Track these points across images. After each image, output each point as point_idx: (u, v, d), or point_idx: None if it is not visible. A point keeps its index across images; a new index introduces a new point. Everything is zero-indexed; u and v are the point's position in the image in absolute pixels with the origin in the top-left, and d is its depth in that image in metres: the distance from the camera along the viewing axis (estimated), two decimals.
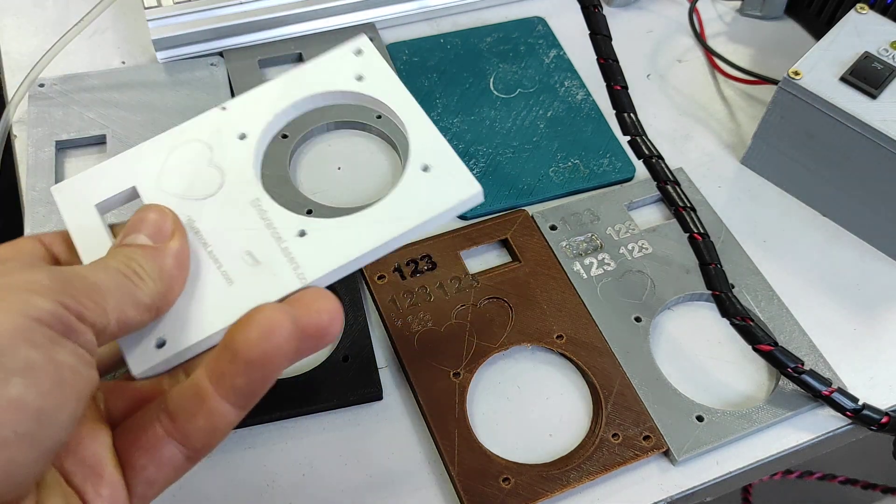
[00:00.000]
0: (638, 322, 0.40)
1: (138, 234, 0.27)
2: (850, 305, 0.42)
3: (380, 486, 0.35)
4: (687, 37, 0.54)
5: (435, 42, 0.52)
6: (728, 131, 0.50)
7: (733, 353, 0.40)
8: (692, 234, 0.38)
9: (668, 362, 0.39)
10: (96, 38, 0.51)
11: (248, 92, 0.30)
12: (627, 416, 0.37)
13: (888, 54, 0.42)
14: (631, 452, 0.36)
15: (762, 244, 0.44)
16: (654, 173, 0.39)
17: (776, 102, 0.44)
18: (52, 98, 0.46)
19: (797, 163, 0.45)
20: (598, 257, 0.42)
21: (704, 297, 0.42)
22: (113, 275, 0.25)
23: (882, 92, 0.41)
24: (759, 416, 0.37)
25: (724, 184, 0.47)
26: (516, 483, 0.35)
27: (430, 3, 0.53)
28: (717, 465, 0.37)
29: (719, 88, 0.52)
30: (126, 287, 0.25)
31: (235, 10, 0.49)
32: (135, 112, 0.46)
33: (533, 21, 0.53)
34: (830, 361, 0.39)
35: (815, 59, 0.43)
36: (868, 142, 0.41)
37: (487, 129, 0.48)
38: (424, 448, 0.37)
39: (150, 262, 0.26)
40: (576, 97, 0.50)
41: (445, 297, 0.40)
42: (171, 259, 0.27)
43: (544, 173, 0.46)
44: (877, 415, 0.37)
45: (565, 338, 0.39)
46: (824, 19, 0.53)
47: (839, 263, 0.44)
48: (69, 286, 0.23)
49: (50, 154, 0.44)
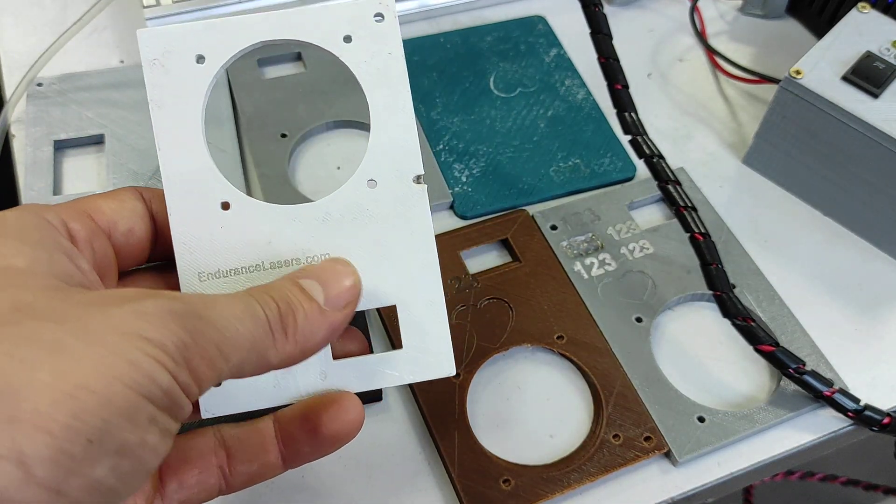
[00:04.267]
0: (639, 322, 0.40)
1: (318, 285, 0.26)
2: (851, 306, 0.42)
3: (380, 487, 0.35)
4: (688, 36, 0.54)
5: (435, 41, 0.52)
6: (729, 131, 0.49)
7: (734, 353, 0.40)
8: (693, 233, 0.38)
9: (669, 363, 0.39)
10: (95, 38, 0.51)
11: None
12: (628, 416, 0.37)
13: (890, 53, 0.42)
14: (632, 453, 0.36)
15: (763, 244, 0.44)
16: (655, 173, 0.39)
17: (777, 102, 0.43)
18: (51, 97, 0.46)
19: (799, 162, 0.45)
20: (598, 257, 0.42)
21: (706, 297, 0.41)
22: (258, 327, 0.23)
23: (884, 91, 0.41)
24: (760, 416, 0.37)
25: (725, 183, 0.47)
26: (517, 484, 0.34)
27: (429, 2, 0.53)
28: (718, 466, 0.37)
29: (720, 88, 0.52)
30: (262, 344, 0.24)
31: (234, 9, 0.49)
32: (134, 111, 0.46)
33: (533, 20, 0.53)
34: (832, 362, 0.39)
35: (817, 58, 0.43)
36: (870, 141, 0.41)
37: (488, 128, 0.48)
38: (424, 449, 0.36)
39: (309, 323, 0.25)
40: (576, 96, 0.49)
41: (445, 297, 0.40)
42: (327, 331, 0.25)
43: (545, 173, 0.46)
44: (878, 415, 0.37)
45: (566, 338, 0.39)
46: (826, 18, 0.53)
47: (841, 263, 0.44)
48: (195, 347, 0.21)
49: (48, 153, 0.44)
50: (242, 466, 0.27)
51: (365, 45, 0.28)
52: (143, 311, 0.21)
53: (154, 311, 0.21)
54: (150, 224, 0.28)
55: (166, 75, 0.28)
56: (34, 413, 0.18)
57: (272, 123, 0.46)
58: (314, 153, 0.46)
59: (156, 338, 0.20)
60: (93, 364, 0.19)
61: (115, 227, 0.27)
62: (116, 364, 0.19)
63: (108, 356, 0.19)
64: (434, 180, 0.45)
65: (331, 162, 0.46)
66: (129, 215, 0.27)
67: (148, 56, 0.28)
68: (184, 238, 0.28)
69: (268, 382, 0.28)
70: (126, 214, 0.27)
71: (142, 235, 0.27)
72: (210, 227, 0.28)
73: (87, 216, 0.26)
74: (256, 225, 0.28)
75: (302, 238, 0.28)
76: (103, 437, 0.19)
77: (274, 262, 0.28)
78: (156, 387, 0.20)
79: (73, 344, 0.19)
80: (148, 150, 0.44)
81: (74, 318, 0.20)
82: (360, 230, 0.28)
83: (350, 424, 0.27)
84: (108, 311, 0.21)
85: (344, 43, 0.28)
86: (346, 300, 0.26)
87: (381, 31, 0.29)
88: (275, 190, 0.43)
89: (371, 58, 0.29)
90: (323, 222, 0.28)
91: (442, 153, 0.46)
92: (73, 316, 0.20)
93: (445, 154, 0.46)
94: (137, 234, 0.27)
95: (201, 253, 0.28)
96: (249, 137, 0.45)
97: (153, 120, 0.28)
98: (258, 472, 0.28)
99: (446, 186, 0.44)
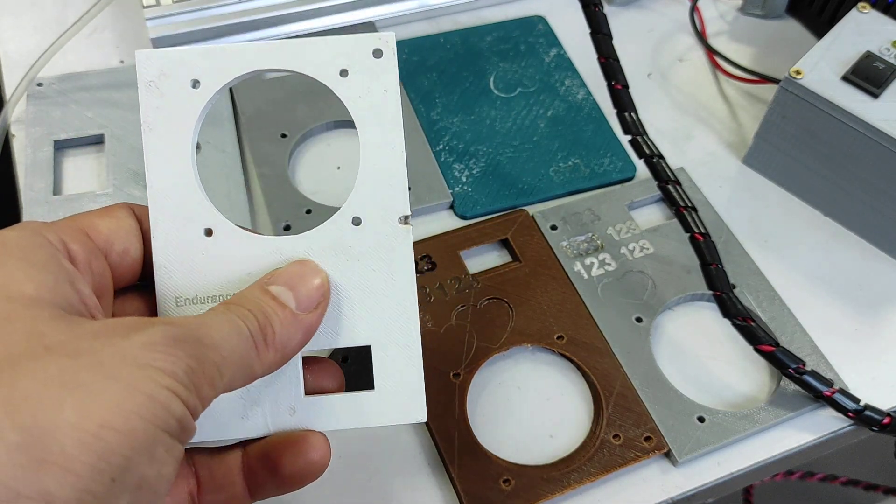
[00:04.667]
0: (639, 322, 0.40)
1: (287, 291, 0.26)
2: (851, 305, 0.42)
3: (380, 487, 0.35)
4: (688, 36, 0.54)
5: (435, 41, 0.52)
6: (729, 131, 0.49)
7: (734, 353, 0.40)
8: (693, 233, 0.38)
9: (669, 363, 0.39)
10: (95, 38, 0.51)
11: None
12: (628, 416, 0.37)
13: (890, 53, 0.42)
14: (632, 453, 0.36)
15: (763, 244, 0.44)
16: (655, 173, 0.39)
17: (777, 102, 0.43)
18: (51, 97, 0.46)
19: (799, 162, 0.45)
20: (598, 257, 0.42)
21: (706, 297, 0.41)
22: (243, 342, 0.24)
23: (884, 91, 0.41)
24: (760, 416, 0.37)
25: (725, 183, 0.47)
26: (517, 484, 0.34)
27: (429, 2, 0.53)
28: (718, 465, 0.37)
29: (720, 88, 0.52)
30: (249, 357, 0.24)
31: (234, 9, 0.49)
32: (133, 111, 0.46)
33: (533, 20, 0.53)
34: (832, 362, 0.39)
35: (817, 58, 0.43)
36: (870, 141, 0.41)
37: (487, 128, 0.47)
38: (424, 449, 0.36)
39: (286, 330, 0.25)
40: (576, 96, 0.49)
41: (445, 297, 0.40)
42: (302, 334, 0.26)
43: (545, 173, 0.46)
44: (878, 415, 0.37)
45: (566, 338, 0.39)
46: (826, 18, 0.53)
47: (841, 263, 0.44)
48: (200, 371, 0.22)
49: (48, 154, 0.44)
50: (210, 496, 0.27)
51: (361, 81, 0.28)
52: (150, 342, 0.21)
53: (160, 340, 0.21)
54: (142, 243, 0.28)
55: (161, 98, 0.28)
56: (62, 455, 0.18)
57: (272, 123, 0.46)
58: (314, 153, 0.46)
59: (167, 367, 0.21)
60: (113, 401, 0.20)
61: (111, 246, 0.27)
62: (135, 399, 0.20)
63: (125, 391, 0.20)
64: (434, 180, 0.45)
65: (331, 162, 0.46)
66: (124, 235, 0.27)
67: (144, 77, 0.28)
68: (164, 261, 0.27)
69: (236, 413, 0.28)
70: (122, 234, 0.27)
71: (136, 255, 0.27)
72: (191, 253, 0.28)
73: (84, 235, 0.26)
74: (238, 254, 0.28)
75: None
76: (125, 475, 0.19)
77: None
78: (171, 417, 0.21)
79: (91, 380, 0.20)
80: None
81: (87, 352, 0.20)
82: (341, 268, 0.28)
83: (313, 466, 0.27)
84: (117, 343, 0.21)
85: (339, 77, 0.28)
86: (317, 300, 0.26)
87: (378, 67, 0.28)
88: (275, 190, 0.43)
89: (366, 94, 0.28)
90: (304, 256, 0.28)
91: (442, 153, 0.46)
92: (86, 349, 0.20)
93: (445, 154, 0.46)
94: (132, 254, 0.27)
95: (181, 278, 0.27)
96: (249, 137, 0.45)
97: (144, 141, 0.28)
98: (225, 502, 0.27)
99: (446, 186, 0.44)
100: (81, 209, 0.42)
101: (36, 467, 0.18)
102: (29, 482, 0.18)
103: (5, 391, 0.19)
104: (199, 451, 0.28)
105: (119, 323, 0.22)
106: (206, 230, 0.28)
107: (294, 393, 0.28)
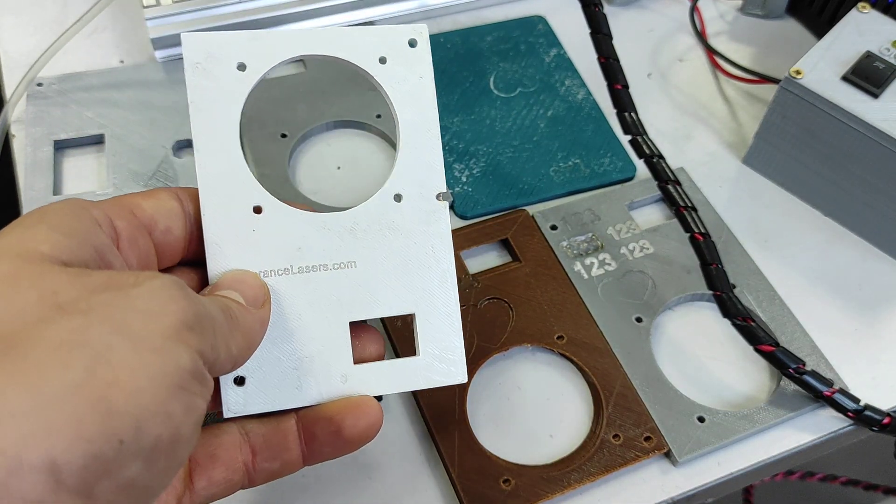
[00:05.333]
0: (639, 322, 0.40)
1: (233, 292, 0.27)
2: (851, 305, 0.42)
3: (380, 487, 0.35)
4: (688, 36, 0.54)
5: (435, 41, 0.52)
6: (729, 131, 0.49)
7: (734, 353, 0.40)
8: (693, 233, 0.38)
9: (669, 363, 0.39)
10: (95, 38, 0.51)
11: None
12: (628, 416, 0.37)
13: (890, 53, 0.42)
14: (632, 453, 0.36)
15: (763, 244, 0.44)
16: (655, 173, 0.39)
17: (777, 102, 0.43)
18: (51, 97, 0.46)
19: (799, 162, 0.45)
20: (598, 257, 0.42)
21: (706, 297, 0.41)
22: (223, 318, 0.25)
23: (884, 91, 0.41)
24: (760, 416, 0.37)
25: (725, 183, 0.47)
26: (517, 484, 0.34)
27: (429, 2, 0.53)
28: (718, 465, 0.37)
29: (720, 88, 0.52)
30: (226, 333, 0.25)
31: (234, 9, 0.49)
32: (133, 111, 0.46)
33: (533, 20, 0.53)
34: (832, 362, 0.39)
35: (817, 58, 0.43)
36: (870, 141, 0.41)
37: (488, 128, 0.47)
38: (424, 449, 0.36)
39: (245, 318, 0.26)
40: (576, 96, 0.49)
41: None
42: (259, 325, 0.27)
43: (545, 173, 0.46)
44: (878, 415, 0.37)
45: (566, 338, 0.39)
46: (826, 18, 0.53)
47: (841, 263, 0.44)
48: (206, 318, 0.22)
49: (48, 153, 0.44)
50: (266, 463, 0.28)
51: (398, 68, 0.30)
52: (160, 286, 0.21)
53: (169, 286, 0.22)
54: (185, 224, 0.28)
55: (207, 79, 0.28)
56: (67, 419, 0.18)
57: (272, 123, 0.46)
58: (314, 153, 0.46)
59: (178, 313, 0.21)
60: (121, 359, 0.19)
61: (155, 224, 0.27)
62: (143, 356, 0.20)
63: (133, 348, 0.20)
64: None
65: (331, 162, 0.46)
66: (167, 214, 0.28)
67: (191, 59, 0.28)
68: (216, 238, 0.28)
69: (290, 384, 0.29)
70: (164, 213, 0.28)
71: (178, 234, 0.28)
72: (242, 229, 0.29)
73: (130, 212, 0.26)
74: (287, 230, 0.29)
75: (330, 245, 0.29)
76: (136, 436, 0.19)
77: (302, 267, 0.29)
78: (184, 372, 0.21)
79: (99, 338, 0.20)
80: (148, 150, 0.44)
81: (99, 306, 0.20)
82: (385, 241, 0.30)
83: (371, 427, 0.29)
84: (128, 292, 0.21)
85: (379, 64, 0.30)
86: (262, 298, 0.28)
87: (413, 55, 0.30)
88: (275, 190, 0.43)
89: (403, 80, 0.30)
90: (350, 231, 0.30)
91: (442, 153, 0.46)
92: (97, 303, 0.20)
93: (445, 154, 0.46)
94: (175, 234, 0.28)
95: (232, 253, 0.28)
96: (249, 137, 0.45)
97: (192, 121, 0.28)
98: (280, 469, 0.29)
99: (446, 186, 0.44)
100: None
101: (41, 435, 0.18)
102: (32, 450, 0.18)
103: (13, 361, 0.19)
104: (252, 421, 0.28)
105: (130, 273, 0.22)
106: (254, 207, 0.29)
107: (344, 361, 0.29)
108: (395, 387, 0.30)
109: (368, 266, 0.30)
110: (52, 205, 0.24)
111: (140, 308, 0.21)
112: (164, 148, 0.45)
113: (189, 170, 0.44)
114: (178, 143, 0.45)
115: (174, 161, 0.44)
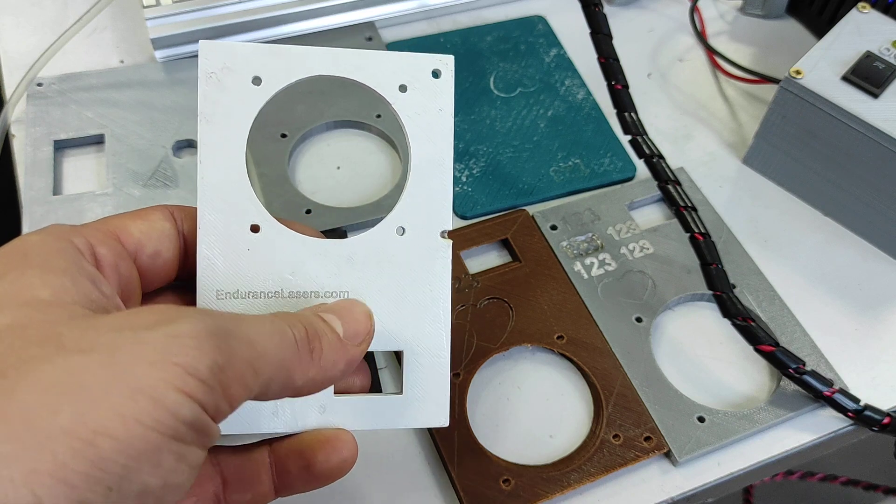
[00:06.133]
0: (639, 322, 0.40)
1: (337, 319, 0.26)
2: (851, 305, 0.42)
3: (380, 487, 0.35)
4: (688, 36, 0.54)
5: (435, 41, 0.52)
6: (729, 131, 0.49)
7: (734, 353, 0.40)
8: (693, 233, 0.38)
9: (669, 363, 0.39)
10: (95, 38, 0.51)
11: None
12: (628, 416, 0.37)
13: (890, 53, 0.42)
14: (632, 453, 0.36)
15: (763, 244, 0.44)
16: (655, 173, 0.39)
17: (777, 102, 0.43)
18: (51, 97, 0.46)
19: (799, 162, 0.45)
20: (598, 257, 0.42)
21: (706, 297, 0.41)
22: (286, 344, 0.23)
23: (884, 91, 0.41)
24: (760, 416, 0.37)
25: (725, 183, 0.47)
26: (516, 484, 0.34)
27: (429, 2, 0.53)
28: (718, 465, 0.37)
29: (720, 87, 0.52)
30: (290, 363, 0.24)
31: (234, 9, 0.49)
32: (133, 111, 0.46)
33: (533, 20, 0.53)
34: (832, 362, 0.39)
35: (817, 58, 0.43)
36: (870, 141, 0.41)
37: (488, 128, 0.47)
38: (424, 449, 0.36)
39: (332, 351, 0.25)
40: (576, 96, 0.49)
41: None
42: (345, 364, 0.26)
43: (545, 173, 0.46)
44: (878, 415, 0.37)
45: (566, 338, 0.39)
46: (826, 18, 0.53)
47: (841, 263, 0.44)
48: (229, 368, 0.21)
49: (48, 153, 0.44)
50: (236, 495, 0.27)
51: (418, 98, 0.29)
52: (177, 333, 0.20)
53: (187, 332, 0.20)
54: (178, 244, 0.28)
55: (221, 91, 0.28)
56: (53, 464, 0.18)
57: (272, 123, 0.46)
58: (314, 153, 0.46)
59: (188, 363, 0.20)
60: (113, 405, 0.19)
61: (141, 249, 0.26)
62: (137, 403, 0.19)
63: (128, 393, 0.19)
64: None
65: (331, 162, 0.46)
66: (157, 237, 0.27)
67: (206, 68, 0.28)
68: (209, 253, 0.28)
69: (266, 409, 0.28)
70: (154, 236, 0.27)
71: (168, 257, 0.27)
72: (236, 247, 0.28)
73: (114, 238, 0.26)
74: (282, 252, 0.28)
75: (325, 273, 0.28)
76: (123, 484, 0.19)
77: (293, 293, 0.28)
78: (180, 423, 0.20)
79: (94, 381, 0.19)
80: (147, 150, 0.44)
81: (103, 347, 0.20)
82: (382, 274, 0.29)
83: (344, 463, 0.28)
84: (140, 335, 0.20)
85: (399, 92, 0.29)
86: (363, 337, 0.27)
87: (436, 87, 0.29)
88: (275, 190, 0.43)
89: (422, 110, 0.29)
90: (348, 261, 0.29)
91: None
92: (102, 344, 0.20)
93: None
94: (164, 256, 0.27)
95: (224, 270, 0.28)
96: (249, 137, 0.45)
97: (199, 132, 0.28)
98: (250, 501, 0.28)
99: None
100: (81, 209, 0.42)
101: (26, 478, 0.17)
102: (19, 494, 0.17)
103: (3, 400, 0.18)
104: (225, 451, 0.28)
105: (149, 311, 0.21)
106: (252, 226, 0.28)
107: (325, 391, 0.28)
108: (373, 424, 0.29)
109: (362, 298, 0.29)
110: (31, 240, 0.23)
111: (146, 353, 0.20)
112: (164, 148, 0.45)
113: (189, 170, 0.44)
114: (177, 143, 0.45)
115: (174, 161, 0.44)
